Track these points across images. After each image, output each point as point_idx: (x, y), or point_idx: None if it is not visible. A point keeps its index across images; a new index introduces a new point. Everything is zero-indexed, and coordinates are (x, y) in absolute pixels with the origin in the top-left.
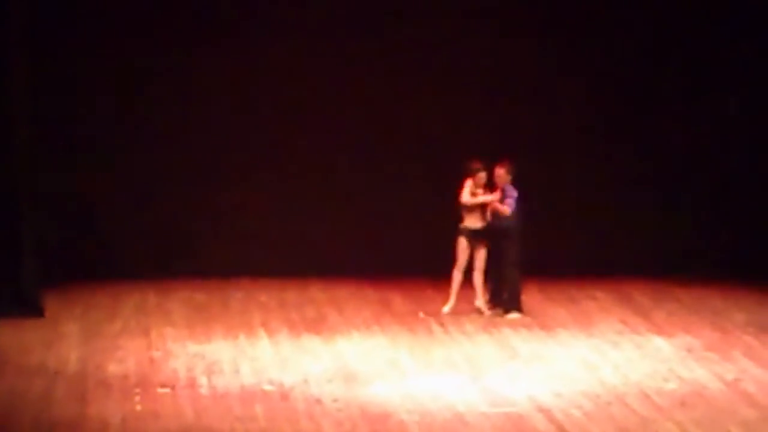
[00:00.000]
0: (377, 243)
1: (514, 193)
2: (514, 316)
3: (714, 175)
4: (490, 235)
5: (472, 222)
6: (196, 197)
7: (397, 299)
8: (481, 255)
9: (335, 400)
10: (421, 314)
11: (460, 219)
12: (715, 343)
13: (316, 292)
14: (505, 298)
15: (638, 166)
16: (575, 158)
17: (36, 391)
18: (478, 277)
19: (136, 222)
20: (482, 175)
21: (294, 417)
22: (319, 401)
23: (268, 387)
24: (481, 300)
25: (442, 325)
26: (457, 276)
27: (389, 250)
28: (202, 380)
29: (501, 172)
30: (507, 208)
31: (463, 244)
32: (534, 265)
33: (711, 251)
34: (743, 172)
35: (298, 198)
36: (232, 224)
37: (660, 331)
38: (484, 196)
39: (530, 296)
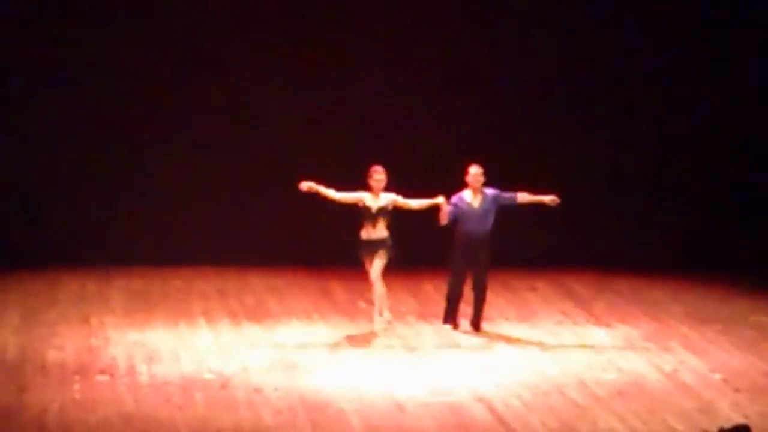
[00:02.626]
0: (316, 232)
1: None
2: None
3: (655, 168)
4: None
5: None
6: (135, 184)
7: (337, 288)
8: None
9: (275, 389)
10: (362, 304)
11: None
12: (653, 334)
13: (256, 281)
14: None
15: (581, 158)
16: (513, 150)
17: None
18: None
19: (75, 208)
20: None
21: (234, 405)
22: (258, 390)
23: (208, 375)
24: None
25: (382, 314)
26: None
27: (328, 239)
28: (142, 368)
29: (480, 171)
30: None
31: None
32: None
33: (651, 244)
34: (683, 164)
35: (237, 186)
36: (171, 212)
37: (599, 322)
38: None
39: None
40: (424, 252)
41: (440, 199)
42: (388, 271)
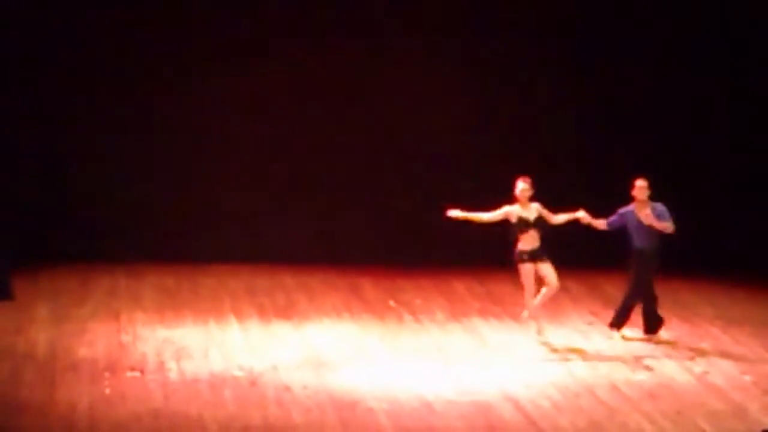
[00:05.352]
0: (348, 230)
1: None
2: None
3: (684, 171)
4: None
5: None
6: (168, 182)
7: (368, 287)
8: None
9: (304, 387)
10: (392, 303)
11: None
12: (683, 335)
13: (287, 279)
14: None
15: (609, 161)
16: (547, 152)
17: (4, 374)
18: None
19: (107, 206)
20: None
21: (263, 403)
22: (288, 388)
23: (237, 373)
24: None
25: (412, 313)
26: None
27: (360, 238)
28: (172, 365)
29: (645, 184)
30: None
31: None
32: (507, 256)
33: (681, 245)
34: (712, 168)
35: (269, 184)
36: (203, 209)
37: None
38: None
39: (501, 286)
40: (456, 251)
41: (580, 213)
42: (418, 270)
